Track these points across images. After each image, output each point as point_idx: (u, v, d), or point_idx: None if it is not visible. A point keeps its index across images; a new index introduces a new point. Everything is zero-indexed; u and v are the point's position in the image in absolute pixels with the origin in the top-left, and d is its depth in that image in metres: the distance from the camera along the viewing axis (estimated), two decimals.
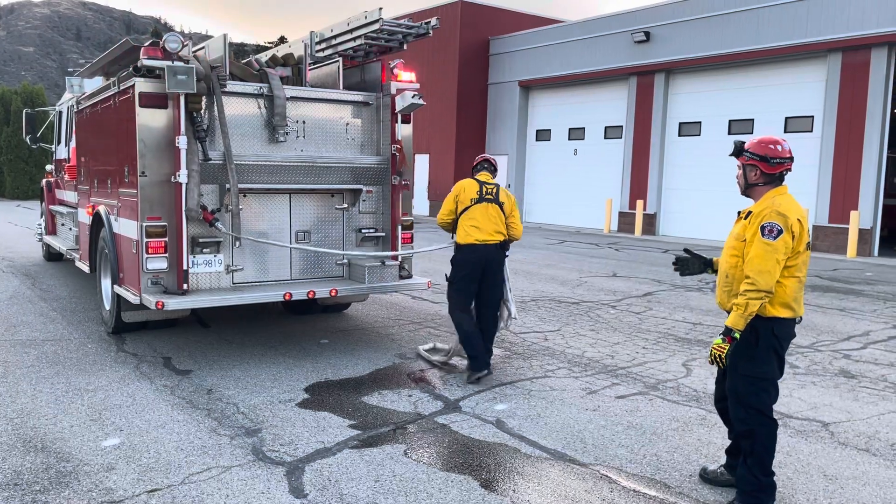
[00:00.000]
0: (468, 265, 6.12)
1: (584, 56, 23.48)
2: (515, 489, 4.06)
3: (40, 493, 3.89)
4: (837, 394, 5.98)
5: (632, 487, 4.12)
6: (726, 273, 3.88)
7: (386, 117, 7.24)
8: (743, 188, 3.96)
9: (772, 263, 3.58)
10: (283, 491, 3.98)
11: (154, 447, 4.55)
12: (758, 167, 3.83)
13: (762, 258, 3.59)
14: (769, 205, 3.71)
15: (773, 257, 3.59)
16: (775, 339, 3.72)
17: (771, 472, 3.81)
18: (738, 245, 3.80)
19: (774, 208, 3.67)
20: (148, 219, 6.24)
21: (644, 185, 21.81)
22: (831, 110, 17.53)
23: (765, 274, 3.58)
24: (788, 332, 3.78)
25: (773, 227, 3.61)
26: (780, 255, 3.60)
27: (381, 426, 5.02)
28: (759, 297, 3.58)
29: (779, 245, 3.59)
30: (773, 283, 3.59)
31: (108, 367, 6.32)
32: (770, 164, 3.81)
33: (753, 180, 3.88)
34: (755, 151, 3.84)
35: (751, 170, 3.87)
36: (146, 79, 6.19)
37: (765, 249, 3.60)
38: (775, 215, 3.65)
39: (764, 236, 3.62)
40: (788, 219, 3.63)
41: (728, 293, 3.85)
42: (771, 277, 3.58)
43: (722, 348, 3.65)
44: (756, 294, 3.58)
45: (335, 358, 6.77)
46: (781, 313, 3.70)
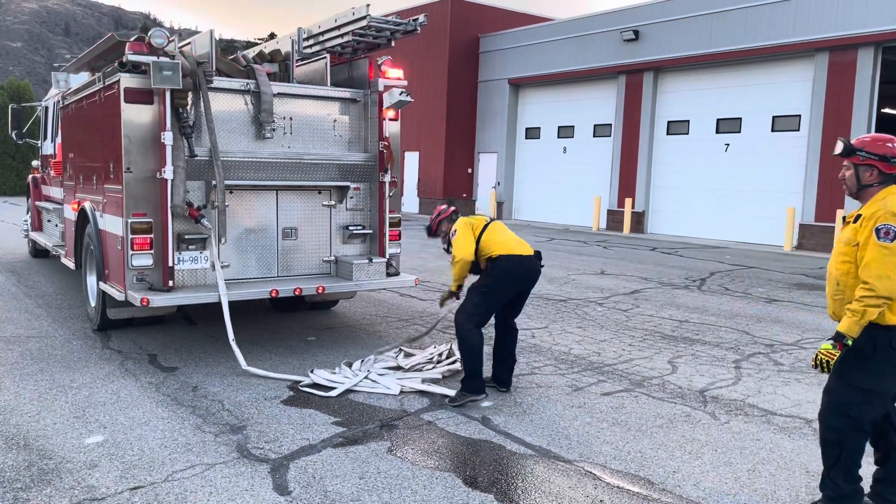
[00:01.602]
0: (515, 277, 5.62)
1: (574, 54, 23.52)
2: (500, 486, 4.07)
3: (21, 491, 3.87)
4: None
5: (616, 483, 4.14)
6: (837, 280, 3.66)
7: (373, 114, 7.23)
8: (855, 190, 3.70)
9: (890, 267, 3.39)
10: (267, 488, 3.97)
11: (138, 444, 4.53)
12: (876, 167, 3.58)
13: (880, 262, 3.41)
14: (881, 206, 3.49)
15: (891, 261, 3.39)
16: (892, 350, 3.49)
17: (857, 479, 3.68)
18: (849, 250, 3.59)
19: (888, 209, 3.46)
20: (133, 215, 6.21)
21: (632, 183, 21.88)
22: (818, 109, 17.64)
23: (884, 279, 3.39)
24: None
25: (889, 230, 3.41)
26: None
27: (366, 423, 5.02)
28: (878, 303, 3.40)
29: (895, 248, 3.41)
30: (893, 288, 3.40)
31: (92, 364, 6.29)
32: (891, 163, 3.57)
33: (868, 181, 3.62)
34: (873, 151, 3.60)
35: (866, 170, 3.61)
36: (132, 74, 6.16)
37: (882, 253, 3.40)
38: (890, 216, 3.43)
39: (880, 239, 3.42)
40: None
41: (840, 302, 3.65)
42: (891, 283, 3.39)
43: (832, 354, 3.47)
44: (875, 300, 3.39)
45: (322, 355, 6.75)
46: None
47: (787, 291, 11.12)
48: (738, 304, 9.93)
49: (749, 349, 7.36)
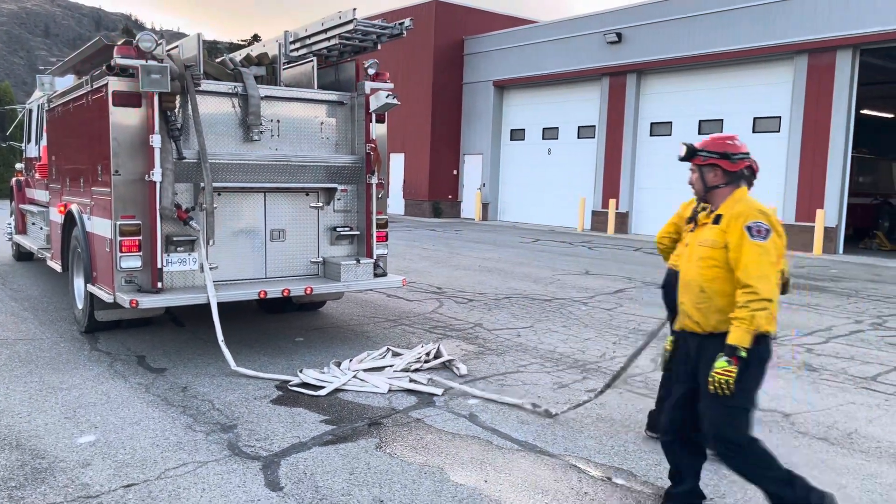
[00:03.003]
0: None
1: (558, 56, 23.70)
2: (487, 479, 4.17)
3: (16, 489, 3.92)
4: (799, 386, 6.18)
5: (599, 476, 4.25)
6: (701, 288, 3.42)
7: (360, 117, 7.32)
8: (702, 193, 3.57)
9: (767, 266, 3.23)
10: (259, 484, 4.04)
11: (129, 443, 4.59)
12: (719, 166, 3.47)
13: (756, 262, 3.22)
14: (746, 205, 3.38)
15: (766, 260, 3.24)
16: (760, 362, 3.32)
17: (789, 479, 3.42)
18: (715, 254, 3.38)
19: (755, 207, 3.34)
20: (122, 217, 6.25)
21: (616, 184, 22.08)
22: (798, 111, 17.91)
23: (764, 279, 3.20)
24: (770, 353, 3.38)
25: (760, 227, 3.26)
26: (773, 257, 3.26)
27: (355, 421, 5.10)
28: (764, 306, 3.17)
29: (769, 246, 3.26)
30: (774, 288, 3.23)
31: (81, 366, 6.32)
32: (732, 161, 3.47)
33: (713, 182, 3.51)
34: (714, 150, 3.50)
35: (710, 170, 3.51)
36: (120, 77, 6.21)
37: (757, 252, 3.23)
38: (759, 214, 3.30)
39: (753, 237, 3.25)
40: (771, 217, 3.33)
41: (707, 311, 3.40)
42: (771, 283, 3.21)
43: (730, 372, 3.17)
44: (761, 303, 3.16)
45: (310, 355, 6.82)
46: (771, 327, 3.28)
47: None
48: None
49: None
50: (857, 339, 7.95)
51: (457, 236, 19.99)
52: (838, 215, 17.34)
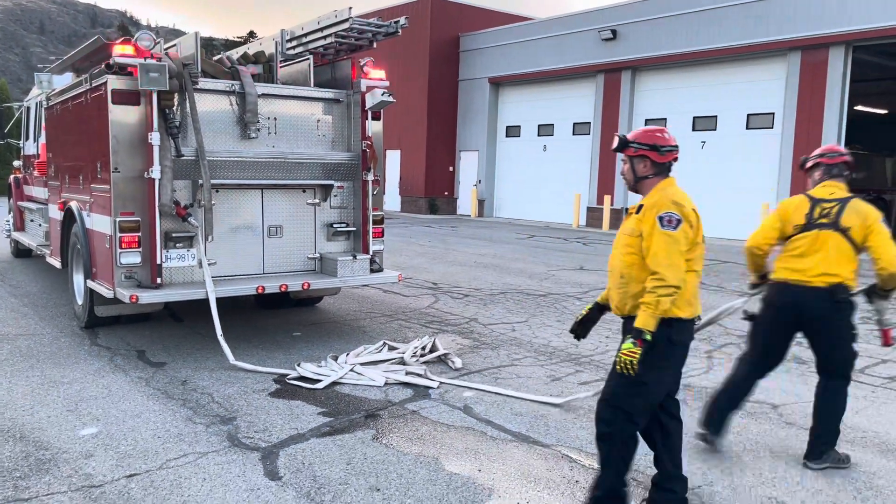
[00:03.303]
0: None
1: (553, 53, 23.79)
2: (481, 468, 4.28)
3: (21, 479, 4.01)
4: (788, 378, 6.29)
5: (591, 465, 4.36)
6: (620, 273, 3.59)
7: (356, 114, 7.41)
8: (633, 183, 3.69)
9: (676, 255, 3.36)
10: (258, 474, 4.14)
11: (131, 435, 4.68)
12: (648, 157, 3.58)
13: (665, 251, 3.35)
14: (663, 195, 3.51)
15: (675, 249, 3.36)
16: (670, 344, 3.45)
17: (624, 483, 3.61)
18: (633, 241, 3.53)
19: (670, 198, 3.47)
20: (121, 214, 6.34)
21: (611, 180, 22.18)
22: (791, 107, 18.03)
23: (672, 267, 3.33)
24: (687, 336, 3.55)
25: (671, 217, 3.39)
26: (683, 247, 3.39)
27: (352, 413, 5.20)
28: (670, 292, 3.32)
29: (679, 236, 3.38)
30: (681, 276, 3.36)
31: (82, 361, 6.41)
32: (661, 152, 3.58)
33: (643, 172, 3.62)
34: (644, 141, 3.59)
35: (640, 161, 3.61)
36: (119, 76, 6.29)
37: (666, 241, 3.36)
38: (671, 205, 3.43)
39: (663, 227, 3.38)
40: (685, 207, 3.44)
41: (624, 294, 3.58)
42: (678, 270, 3.35)
43: (633, 353, 3.32)
44: (666, 290, 3.31)
45: (308, 350, 6.92)
46: (681, 312, 3.45)
47: None
48: (712, 297, 10.21)
49: (721, 340, 7.63)
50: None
51: (453, 233, 20.09)
52: None
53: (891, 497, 4.05)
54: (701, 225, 3.51)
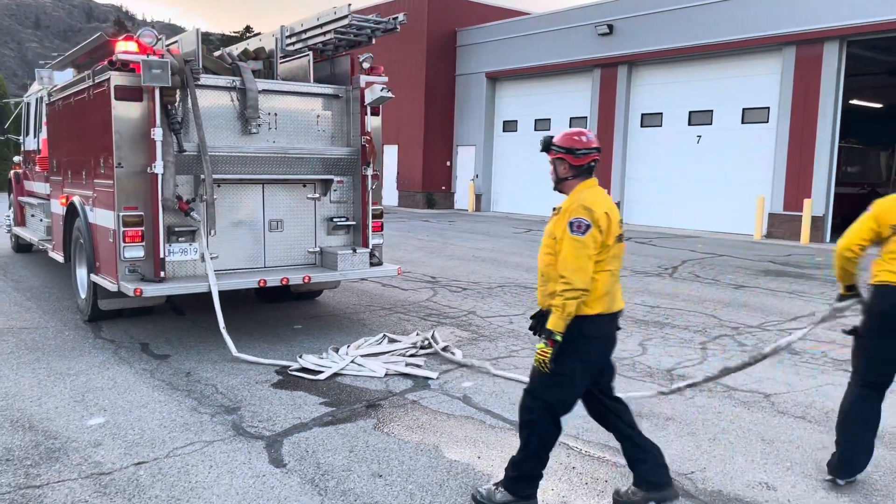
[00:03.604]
0: None
1: (550, 48, 23.86)
2: (480, 455, 4.39)
3: (32, 468, 4.12)
4: (780, 368, 6.42)
5: (587, 452, 4.48)
6: (541, 272, 3.72)
7: (355, 110, 7.50)
8: (555, 184, 3.82)
9: (584, 260, 3.47)
10: (263, 461, 4.25)
11: (138, 425, 4.79)
12: (566, 160, 3.70)
13: (574, 255, 3.47)
14: (575, 199, 3.61)
15: (583, 253, 3.47)
16: (584, 338, 3.56)
17: (540, 469, 3.75)
18: (551, 242, 3.67)
19: (580, 203, 3.56)
20: (125, 209, 6.43)
21: (607, 174, 22.27)
22: (786, 102, 18.14)
23: (579, 271, 3.45)
24: (602, 330, 3.65)
25: (580, 223, 3.50)
26: (591, 251, 3.49)
27: (353, 403, 5.31)
28: (577, 295, 3.45)
29: (588, 241, 3.48)
30: (588, 279, 3.47)
31: (87, 353, 6.51)
32: (576, 155, 3.68)
33: (563, 174, 3.74)
34: (561, 145, 3.71)
35: (560, 164, 3.73)
36: (121, 72, 6.37)
37: (575, 246, 3.48)
38: (582, 210, 3.52)
39: (573, 233, 3.49)
40: (595, 213, 3.52)
41: (543, 293, 3.70)
42: (585, 274, 3.46)
43: (545, 353, 3.50)
44: (573, 293, 3.44)
45: (309, 342, 7.03)
46: (592, 309, 3.57)
47: (754, 278, 11.56)
48: (707, 290, 10.34)
49: (715, 332, 7.75)
50: (838, 325, 8.17)
51: (450, 227, 20.19)
52: (825, 205, 17.61)
53: (879, 480, 4.17)
54: (614, 227, 3.60)
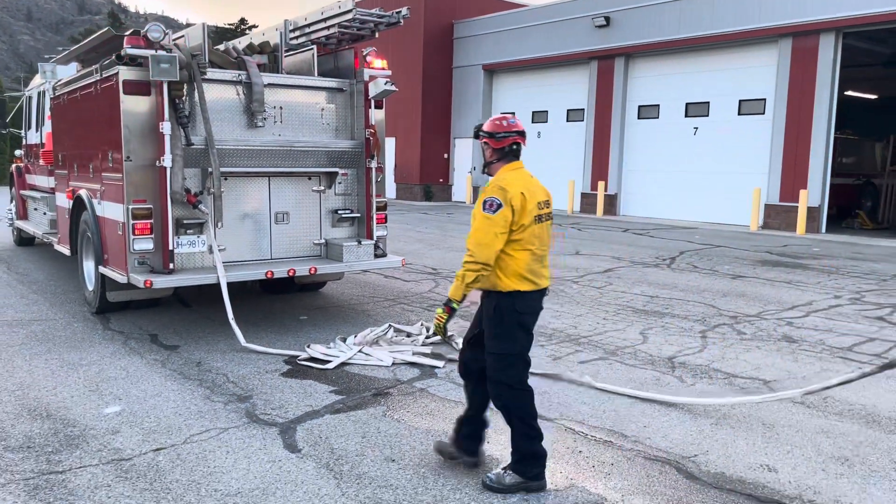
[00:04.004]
0: None
1: (547, 40, 23.92)
2: (489, 440, 4.50)
3: (53, 454, 4.22)
4: (779, 356, 6.55)
5: (594, 436, 4.61)
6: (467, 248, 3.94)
7: (359, 103, 7.59)
8: (483, 167, 4.04)
9: (490, 237, 3.67)
10: (278, 447, 4.37)
11: (154, 413, 4.90)
12: (489, 144, 3.91)
13: (482, 231, 3.69)
14: (494, 180, 3.83)
15: (491, 231, 3.67)
16: (517, 313, 3.78)
17: (535, 437, 3.87)
18: None
19: (497, 183, 3.78)
20: (134, 201, 6.52)
21: (605, 166, 22.41)
22: (782, 93, 18.25)
23: (483, 247, 3.67)
24: (531, 306, 3.85)
25: (493, 202, 3.70)
26: (499, 229, 3.68)
27: (363, 391, 5.43)
28: (477, 269, 3.67)
29: (497, 219, 3.67)
30: (491, 255, 3.67)
31: (97, 344, 6.61)
32: (496, 139, 3.89)
33: (489, 158, 3.96)
34: (485, 129, 3.93)
35: (486, 147, 3.95)
36: (129, 67, 6.44)
37: (484, 223, 3.69)
38: (497, 190, 3.73)
39: (485, 210, 3.71)
40: (508, 192, 3.72)
41: None
42: (489, 250, 3.66)
43: (441, 318, 3.79)
44: (474, 266, 3.67)
45: (315, 332, 7.14)
46: (520, 286, 3.76)
47: (751, 268, 11.69)
48: (705, 280, 10.47)
49: (714, 320, 7.88)
50: (835, 313, 8.34)
51: (449, 219, 20.29)
52: (821, 195, 17.76)
53: (876, 462, 4.30)
54: (531, 207, 3.77)
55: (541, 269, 3.88)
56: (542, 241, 3.89)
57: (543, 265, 3.92)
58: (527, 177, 3.91)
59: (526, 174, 3.93)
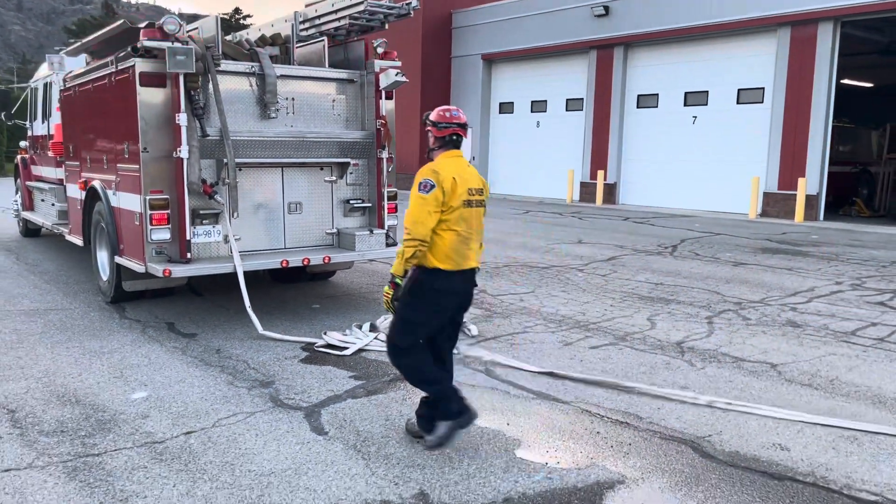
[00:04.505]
0: None
1: (546, 30, 23.96)
2: (509, 423, 4.65)
3: (87, 438, 4.34)
4: (785, 340, 6.70)
5: (610, 418, 4.75)
6: None
7: (370, 94, 7.68)
8: (427, 152, 4.31)
9: (424, 215, 3.94)
10: (305, 430, 4.50)
11: (180, 398, 5.02)
12: (432, 132, 4.20)
13: (416, 210, 3.96)
14: (430, 164, 4.12)
15: (424, 209, 3.94)
16: (434, 290, 4.06)
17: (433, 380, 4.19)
18: None
19: (432, 167, 4.07)
20: (151, 192, 6.61)
21: (604, 155, 22.51)
22: (781, 82, 18.36)
23: (418, 224, 3.94)
24: (450, 285, 4.09)
25: (426, 183, 3.97)
26: (431, 208, 3.95)
27: (382, 377, 5.56)
28: (415, 245, 3.95)
29: (430, 198, 3.94)
30: (425, 232, 3.94)
31: (116, 332, 6.72)
32: (438, 128, 4.17)
33: (432, 145, 4.24)
34: (430, 118, 4.22)
35: (430, 135, 4.23)
36: (145, 59, 6.52)
37: (417, 203, 3.96)
38: (430, 172, 4.02)
39: (419, 191, 3.98)
40: (440, 175, 3.99)
41: None
42: (423, 227, 3.93)
43: (387, 294, 4.08)
44: (412, 242, 3.95)
45: (329, 320, 7.26)
46: (441, 265, 4.03)
47: (752, 255, 11.85)
48: (707, 267, 10.62)
49: (719, 307, 8.03)
50: (837, 299, 8.49)
51: None
52: (819, 183, 17.91)
53: (885, 440, 4.46)
54: (460, 191, 4.03)
55: (466, 251, 4.12)
56: (469, 224, 4.11)
57: (470, 248, 4.14)
58: (462, 164, 4.16)
59: (462, 162, 4.18)
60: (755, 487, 3.84)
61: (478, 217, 4.20)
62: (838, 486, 3.87)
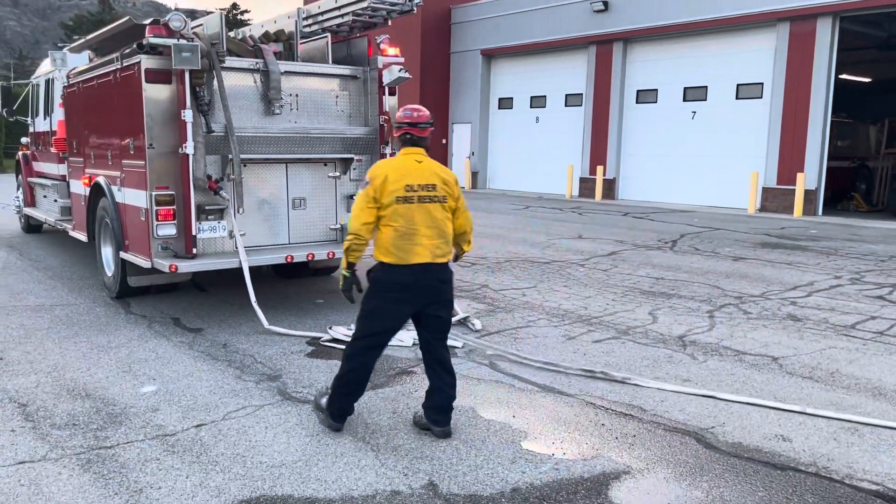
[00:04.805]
0: None
1: (545, 25, 23.99)
2: (515, 415, 4.71)
3: (99, 431, 4.40)
4: (785, 334, 6.77)
5: (615, 410, 4.81)
6: None
7: (373, 90, 7.72)
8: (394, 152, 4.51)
9: (358, 209, 4.18)
10: (315, 422, 4.55)
11: (189, 392, 5.07)
12: (392, 131, 4.43)
13: (355, 205, 4.23)
14: (378, 163, 4.35)
15: (359, 203, 4.18)
16: (379, 282, 4.28)
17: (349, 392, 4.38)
18: None
19: (377, 165, 4.30)
20: (157, 188, 6.65)
21: (603, 151, 22.57)
22: (780, 77, 18.43)
23: (353, 218, 4.20)
24: (396, 279, 4.23)
25: (365, 180, 4.22)
26: (364, 203, 4.15)
27: (387, 370, 5.61)
28: (350, 238, 4.19)
29: (362, 194, 4.18)
30: (358, 226, 4.16)
31: (122, 327, 6.77)
32: (395, 127, 4.42)
33: (396, 142, 4.46)
34: (396, 118, 4.44)
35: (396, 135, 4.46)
36: (150, 56, 6.55)
37: (358, 197, 4.22)
38: (372, 169, 4.25)
39: (360, 188, 4.24)
40: (374, 171, 4.21)
41: None
42: (356, 221, 4.17)
43: (341, 287, 4.37)
44: (349, 236, 4.21)
45: (333, 315, 7.31)
46: (384, 258, 4.24)
47: (752, 250, 11.92)
48: (708, 262, 10.69)
49: (720, 301, 8.10)
50: (836, 293, 8.57)
51: None
52: (818, 178, 17.99)
53: (885, 432, 4.52)
54: (392, 188, 4.12)
55: (410, 246, 4.18)
56: (411, 220, 4.17)
57: (416, 243, 4.19)
58: (409, 162, 4.26)
59: (409, 160, 4.27)
60: (758, 477, 3.90)
61: (426, 212, 4.21)
62: (840, 476, 3.94)
